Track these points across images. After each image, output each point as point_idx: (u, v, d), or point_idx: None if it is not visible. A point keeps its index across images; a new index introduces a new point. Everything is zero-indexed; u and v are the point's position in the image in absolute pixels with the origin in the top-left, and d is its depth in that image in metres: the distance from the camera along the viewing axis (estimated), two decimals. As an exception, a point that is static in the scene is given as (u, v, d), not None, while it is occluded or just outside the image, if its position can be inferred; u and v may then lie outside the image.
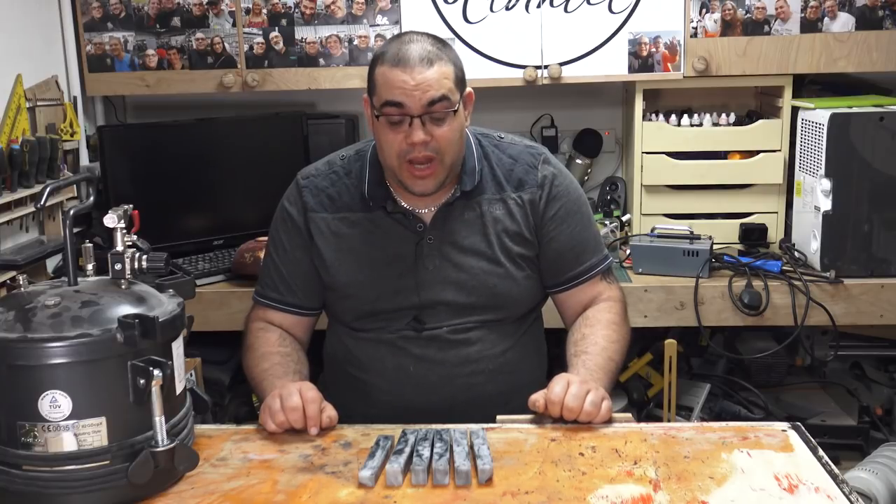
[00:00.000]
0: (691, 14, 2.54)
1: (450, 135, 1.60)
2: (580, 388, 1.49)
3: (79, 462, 1.22)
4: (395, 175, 1.65)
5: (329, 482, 1.32)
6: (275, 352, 1.68)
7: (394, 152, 1.61)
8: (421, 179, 1.62)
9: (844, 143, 2.27)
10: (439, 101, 1.57)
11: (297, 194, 1.75)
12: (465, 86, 1.66)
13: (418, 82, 1.55)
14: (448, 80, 1.59)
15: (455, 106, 1.60)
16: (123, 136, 2.59)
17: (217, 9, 2.64)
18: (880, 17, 2.50)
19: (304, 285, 1.75)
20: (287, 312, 1.76)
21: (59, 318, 1.22)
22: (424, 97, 1.56)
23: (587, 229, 1.77)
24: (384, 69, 1.59)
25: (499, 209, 1.72)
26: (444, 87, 1.58)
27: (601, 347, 1.66)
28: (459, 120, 1.63)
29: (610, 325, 1.71)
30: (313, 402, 1.48)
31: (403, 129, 1.58)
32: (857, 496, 1.26)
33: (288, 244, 1.75)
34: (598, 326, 1.71)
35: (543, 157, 1.77)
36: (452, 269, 1.70)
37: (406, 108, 1.57)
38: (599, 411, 1.48)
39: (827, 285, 2.30)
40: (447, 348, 1.70)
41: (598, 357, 1.65)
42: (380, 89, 1.59)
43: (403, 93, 1.56)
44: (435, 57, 1.58)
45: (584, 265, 1.76)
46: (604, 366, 1.63)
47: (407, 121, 1.57)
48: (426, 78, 1.56)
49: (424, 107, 1.56)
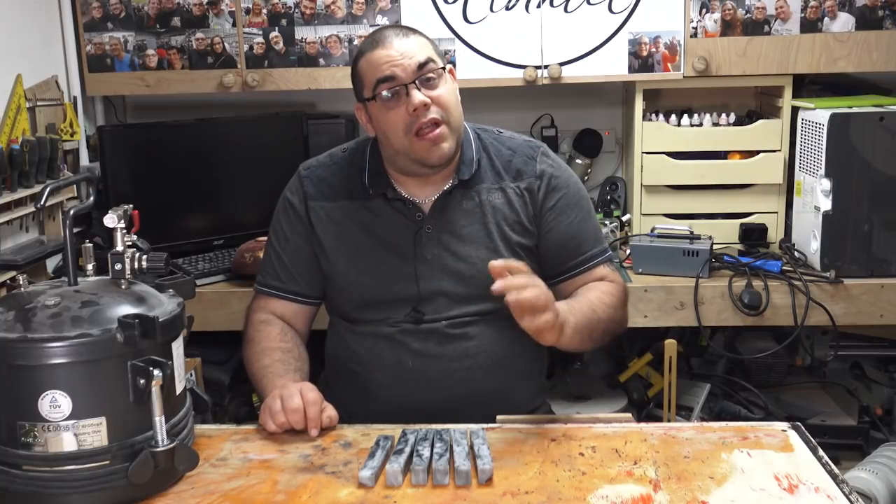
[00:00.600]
0: (691, 14, 2.54)
1: (447, 95, 1.65)
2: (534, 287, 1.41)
3: (79, 462, 1.22)
4: (409, 155, 1.65)
5: (329, 482, 1.32)
6: (276, 347, 1.69)
7: (400, 130, 1.63)
8: (434, 144, 1.63)
9: (844, 143, 2.27)
10: (427, 64, 1.62)
11: (299, 184, 1.78)
12: (445, 60, 1.71)
13: (402, 52, 1.62)
14: (427, 48, 1.66)
15: (442, 65, 1.65)
16: (123, 136, 2.59)
17: (217, 9, 2.64)
18: (880, 17, 2.50)
19: (305, 273, 1.77)
20: (289, 301, 1.77)
21: (59, 318, 1.22)
22: (412, 63, 1.61)
23: (587, 220, 1.78)
24: (366, 57, 1.66)
25: (498, 198, 1.73)
26: (427, 51, 1.64)
27: (588, 301, 1.64)
28: (452, 84, 1.68)
29: (606, 293, 1.69)
30: (314, 403, 1.48)
31: (402, 102, 1.62)
32: (857, 496, 1.26)
33: (290, 233, 1.77)
34: (593, 290, 1.69)
35: (542, 149, 1.79)
36: (451, 259, 1.71)
37: (398, 79, 1.61)
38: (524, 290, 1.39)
39: (827, 285, 2.30)
40: (446, 342, 1.71)
41: (582, 305, 1.60)
42: (367, 75, 1.65)
43: (391, 65, 1.61)
44: (409, 31, 1.67)
45: (586, 254, 1.75)
46: (584, 312, 1.57)
47: (403, 91, 1.61)
48: (407, 46, 1.63)
49: (415, 72, 1.61)
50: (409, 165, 1.68)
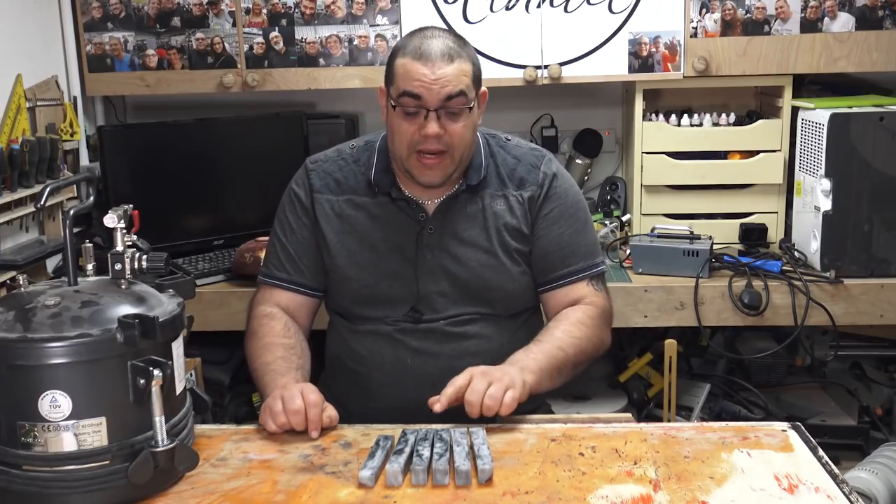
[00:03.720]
0: (691, 14, 2.54)
1: (462, 131, 1.64)
2: (481, 381, 1.46)
3: (79, 462, 1.22)
4: (404, 164, 1.67)
5: (329, 482, 1.32)
6: (279, 343, 1.69)
7: (405, 142, 1.64)
8: (429, 170, 1.65)
9: (844, 143, 2.27)
10: (456, 97, 1.61)
11: (305, 176, 1.79)
12: (481, 84, 1.70)
13: (438, 77, 1.59)
14: (466, 78, 1.63)
15: (471, 103, 1.64)
16: (123, 136, 2.59)
17: (217, 9, 2.64)
18: (880, 17, 2.50)
19: (311, 264, 1.77)
20: (294, 292, 1.78)
21: (59, 318, 1.22)
22: (442, 92, 1.60)
23: (580, 234, 1.77)
24: (405, 61, 1.62)
25: (500, 204, 1.74)
26: (462, 83, 1.61)
27: (555, 338, 1.65)
28: (473, 118, 1.67)
29: (576, 323, 1.70)
30: (315, 405, 1.48)
31: (418, 121, 1.62)
32: (857, 496, 1.26)
33: (295, 224, 1.78)
34: (563, 322, 1.70)
35: (547, 158, 1.80)
36: (450, 261, 1.72)
37: (423, 101, 1.61)
38: (500, 403, 1.44)
39: (827, 285, 2.30)
40: (445, 341, 1.71)
41: (547, 344, 1.63)
42: (399, 80, 1.63)
43: (422, 85, 1.60)
44: (455, 54, 1.62)
45: (570, 268, 1.76)
46: (549, 352, 1.61)
47: (423, 113, 1.61)
48: (446, 73, 1.60)
49: (441, 101, 1.60)
50: (405, 172, 1.70)
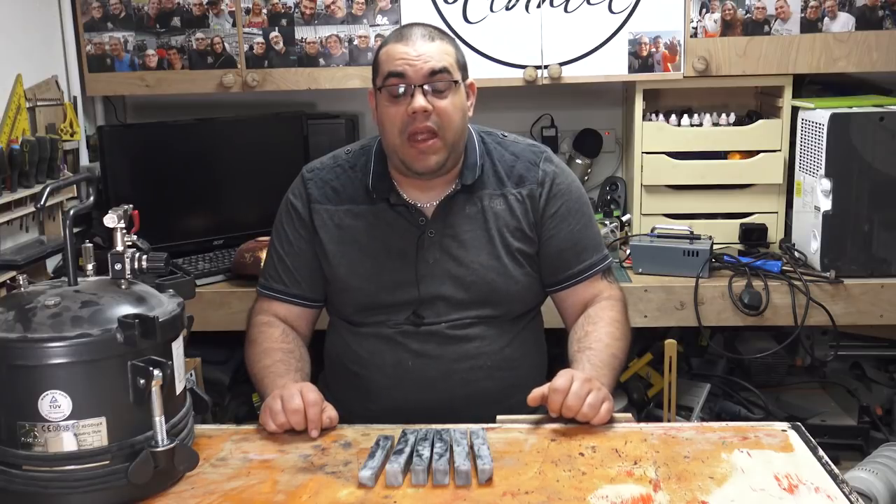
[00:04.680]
0: (691, 14, 2.54)
1: (451, 109, 1.63)
2: (582, 386, 1.48)
3: (79, 462, 1.22)
4: (397, 153, 1.66)
5: (329, 482, 1.32)
6: (277, 348, 1.69)
7: (396, 128, 1.64)
8: (422, 154, 1.64)
9: (844, 143, 2.27)
10: (440, 72, 1.62)
11: (302, 187, 1.78)
12: (468, 75, 1.70)
13: (420, 53, 1.61)
14: (449, 56, 1.64)
15: (456, 78, 1.64)
16: (123, 136, 2.59)
17: (217, 9, 2.64)
18: (880, 17, 2.50)
19: (308, 276, 1.76)
20: (292, 304, 1.77)
21: (59, 318, 1.22)
22: (426, 67, 1.61)
23: (588, 228, 1.78)
24: (387, 48, 1.65)
25: (499, 204, 1.73)
26: (445, 60, 1.63)
27: (605, 344, 1.66)
28: (461, 98, 1.66)
29: (613, 322, 1.71)
30: (315, 404, 1.48)
31: (405, 101, 1.62)
32: (857, 496, 1.25)
33: (292, 236, 1.77)
34: (601, 324, 1.71)
35: (545, 155, 1.79)
36: (452, 264, 1.71)
37: (408, 78, 1.61)
38: (598, 413, 1.47)
39: (827, 285, 2.30)
40: (446, 344, 1.71)
41: (602, 353, 1.65)
42: (382, 66, 1.65)
43: (405, 62, 1.61)
44: (437, 35, 1.66)
45: (584, 263, 1.76)
46: (608, 362, 1.64)
47: (409, 91, 1.61)
48: (428, 49, 1.62)
49: (425, 76, 1.61)
50: (400, 165, 1.69)
